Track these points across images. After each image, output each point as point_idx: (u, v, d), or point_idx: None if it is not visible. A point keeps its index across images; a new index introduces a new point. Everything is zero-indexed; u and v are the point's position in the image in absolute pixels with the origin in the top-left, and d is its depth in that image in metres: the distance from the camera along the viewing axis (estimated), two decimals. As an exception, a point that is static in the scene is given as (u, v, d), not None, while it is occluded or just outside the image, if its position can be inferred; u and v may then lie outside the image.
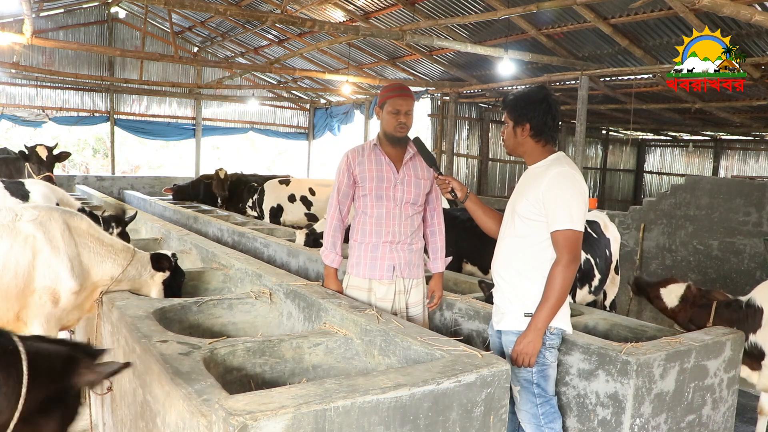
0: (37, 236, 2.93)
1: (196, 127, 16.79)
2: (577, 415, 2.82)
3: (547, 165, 2.63)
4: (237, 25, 13.87)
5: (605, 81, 11.48)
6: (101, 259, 3.16)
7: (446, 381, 2.01)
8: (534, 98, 2.64)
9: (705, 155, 18.59)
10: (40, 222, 2.98)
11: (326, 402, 1.78)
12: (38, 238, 2.93)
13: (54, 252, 2.95)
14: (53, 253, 2.94)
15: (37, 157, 6.60)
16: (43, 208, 3.15)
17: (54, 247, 2.95)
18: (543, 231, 2.59)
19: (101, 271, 3.17)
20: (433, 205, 3.34)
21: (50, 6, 13.94)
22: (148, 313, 2.91)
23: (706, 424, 3.02)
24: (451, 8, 9.70)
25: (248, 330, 3.34)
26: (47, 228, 2.98)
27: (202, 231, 7.12)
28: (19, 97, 14.41)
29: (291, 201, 9.00)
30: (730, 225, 7.51)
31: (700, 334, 3.06)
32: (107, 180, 13.88)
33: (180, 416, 1.96)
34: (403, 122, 3.10)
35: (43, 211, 3.06)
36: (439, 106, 15.24)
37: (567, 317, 2.69)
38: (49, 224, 3.00)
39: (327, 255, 3.25)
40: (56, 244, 2.97)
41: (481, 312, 3.34)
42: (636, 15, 8.21)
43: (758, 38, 8.13)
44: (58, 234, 2.99)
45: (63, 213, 3.14)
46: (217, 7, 8.92)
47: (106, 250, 3.20)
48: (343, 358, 2.71)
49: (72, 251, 3.02)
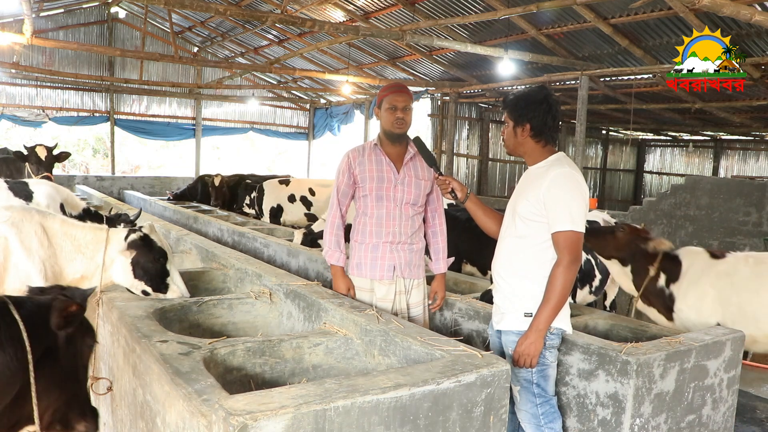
0: (9, 238, 2.91)
1: (196, 127, 16.79)
2: (577, 415, 2.82)
3: (547, 165, 2.63)
4: (237, 25, 13.88)
5: (605, 81, 11.48)
6: (72, 257, 3.10)
7: (446, 381, 2.01)
8: (534, 98, 2.64)
9: (705, 155, 18.60)
10: (13, 223, 2.95)
11: (326, 402, 1.78)
12: (10, 239, 2.91)
13: (26, 254, 2.92)
14: (25, 255, 2.92)
15: (36, 158, 6.60)
16: (18, 209, 3.10)
17: (26, 248, 2.92)
18: (543, 231, 2.58)
19: (73, 270, 3.11)
20: (434, 205, 3.34)
21: (50, 6, 13.95)
22: (148, 313, 2.91)
23: (706, 424, 3.02)
24: (451, 8, 9.70)
25: (248, 330, 3.34)
26: (21, 229, 2.95)
27: (202, 231, 7.12)
28: (19, 97, 14.41)
29: (291, 201, 9.00)
30: (730, 225, 7.52)
31: (700, 334, 3.06)
32: (107, 180, 13.89)
33: (180, 416, 1.96)
34: (400, 117, 3.10)
35: (17, 213, 3.02)
36: (439, 106, 15.25)
37: (567, 317, 2.69)
38: (22, 225, 2.97)
39: (332, 254, 3.21)
40: (28, 245, 2.93)
41: (481, 312, 3.34)
42: (636, 15, 8.21)
43: (758, 38, 8.14)
44: (32, 235, 2.96)
45: (38, 214, 3.11)
46: (217, 7, 8.93)
47: (76, 248, 3.11)
48: (343, 358, 2.71)
49: (44, 253, 2.98)
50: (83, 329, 1.96)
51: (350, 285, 3.22)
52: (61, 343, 1.87)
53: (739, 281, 3.59)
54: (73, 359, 1.91)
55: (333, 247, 3.21)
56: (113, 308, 3.02)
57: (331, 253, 3.21)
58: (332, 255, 3.21)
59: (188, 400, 1.90)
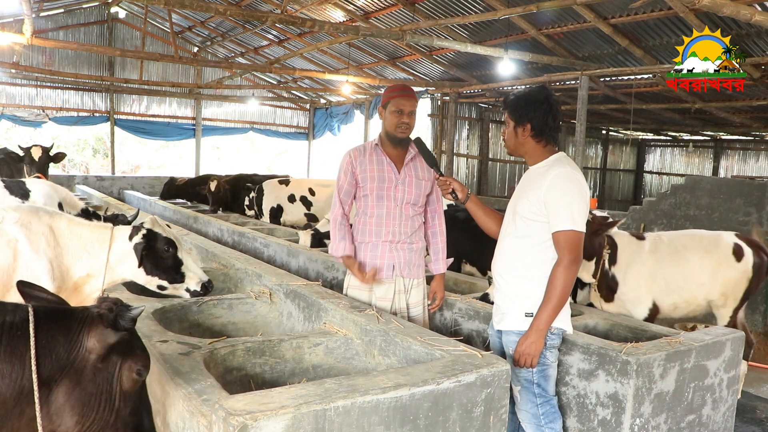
0: (19, 239, 2.93)
1: (196, 127, 16.79)
2: (577, 415, 2.82)
3: (548, 165, 2.63)
4: (237, 25, 13.87)
5: (605, 81, 11.48)
6: (79, 256, 3.09)
7: (446, 381, 2.01)
8: (535, 98, 2.64)
9: (705, 155, 18.59)
10: (22, 224, 2.97)
11: (326, 402, 1.78)
12: (20, 240, 2.93)
13: (34, 254, 2.94)
14: (34, 256, 2.94)
15: (29, 158, 6.61)
16: (27, 209, 3.13)
17: (35, 249, 2.95)
18: (544, 231, 2.58)
19: (79, 268, 3.11)
20: (434, 206, 3.33)
21: (50, 6, 13.95)
22: (148, 313, 2.91)
23: (706, 424, 3.02)
24: (451, 8, 9.70)
25: (248, 330, 3.34)
26: (29, 230, 2.97)
27: (202, 231, 7.12)
28: (19, 97, 14.42)
29: (291, 201, 8.97)
30: (730, 225, 7.50)
31: (700, 334, 3.06)
32: (107, 180, 13.88)
33: (180, 416, 1.96)
34: (405, 122, 3.09)
35: (26, 213, 3.04)
36: (439, 106, 15.25)
37: (568, 317, 2.69)
38: (31, 226, 2.99)
39: (337, 246, 3.15)
40: (36, 246, 2.95)
41: (481, 312, 3.34)
42: (636, 15, 8.21)
43: (758, 38, 8.13)
44: (40, 236, 2.98)
45: (46, 214, 3.12)
46: (217, 7, 8.93)
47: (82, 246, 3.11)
48: (343, 358, 2.71)
49: (52, 253, 3.00)
50: (126, 351, 1.70)
51: (364, 269, 3.14)
52: (89, 364, 1.65)
53: (662, 257, 3.98)
54: (105, 384, 1.67)
55: (338, 239, 3.15)
56: (113, 308, 3.01)
57: (336, 245, 3.16)
58: (338, 247, 3.16)
59: (188, 400, 1.90)
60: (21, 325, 1.61)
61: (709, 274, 4.05)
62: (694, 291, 4.05)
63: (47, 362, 1.61)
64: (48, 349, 1.61)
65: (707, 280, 4.05)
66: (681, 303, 4.04)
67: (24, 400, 1.59)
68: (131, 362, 1.70)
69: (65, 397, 1.63)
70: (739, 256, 4.16)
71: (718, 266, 4.08)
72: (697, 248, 4.11)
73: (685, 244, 4.10)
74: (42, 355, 1.60)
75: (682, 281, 4.00)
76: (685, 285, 4.01)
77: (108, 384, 1.68)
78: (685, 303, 4.06)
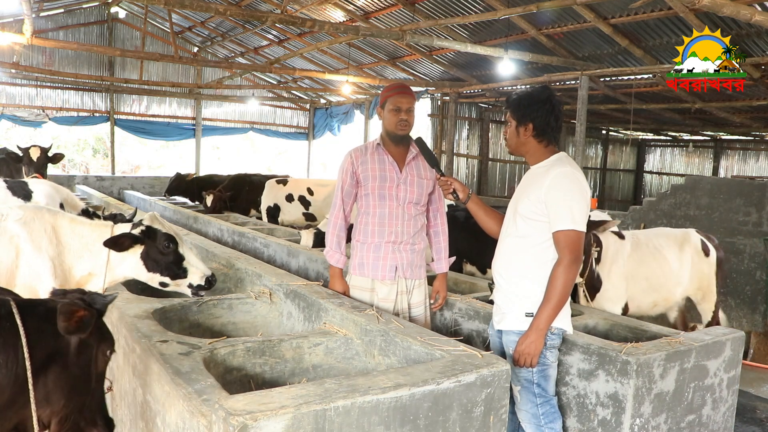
0: (21, 237, 2.94)
1: (196, 127, 16.79)
2: (577, 415, 2.82)
3: (549, 165, 2.63)
4: (237, 25, 13.87)
5: (605, 81, 11.48)
6: (80, 255, 3.09)
7: (446, 381, 2.01)
8: (537, 98, 2.64)
9: (705, 155, 18.59)
10: (24, 222, 2.98)
11: (326, 402, 1.78)
12: (22, 238, 2.93)
13: (36, 252, 2.94)
14: (36, 254, 2.94)
15: (28, 158, 6.61)
16: (31, 208, 3.13)
17: (36, 247, 2.95)
18: (545, 231, 2.58)
19: (81, 267, 3.11)
20: (436, 205, 3.34)
21: (50, 6, 13.95)
22: (148, 313, 2.91)
23: (706, 424, 3.02)
24: (451, 8, 9.70)
25: (248, 330, 3.34)
26: (32, 228, 2.98)
27: (202, 231, 7.12)
28: (19, 97, 14.42)
29: (289, 201, 8.94)
30: (730, 225, 7.51)
31: (700, 334, 3.06)
32: (107, 180, 13.87)
33: (180, 416, 1.96)
34: (404, 119, 3.10)
35: (29, 212, 3.05)
36: (439, 106, 15.25)
37: (568, 317, 2.69)
38: (33, 224, 2.99)
39: (332, 255, 3.24)
40: (38, 244, 2.96)
41: (481, 312, 3.34)
42: (636, 15, 8.21)
43: (758, 38, 8.14)
44: (42, 234, 2.98)
45: (48, 213, 3.13)
46: (217, 7, 8.93)
47: (84, 245, 3.12)
48: (343, 358, 2.71)
49: (54, 252, 3.01)
50: (99, 336, 1.88)
51: (346, 288, 3.25)
52: (72, 349, 1.80)
53: (642, 257, 4.08)
54: (85, 366, 1.83)
55: (334, 248, 3.23)
56: (113, 308, 3.01)
57: (332, 254, 3.24)
58: (332, 256, 3.24)
59: (188, 400, 1.90)
60: (7, 317, 1.72)
61: (686, 270, 4.24)
62: (672, 288, 4.20)
63: (37, 350, 1.72)
64: (36, 337, 1.73)
65: (685, 277, 4.22)
66: (660, 300, 4.17)
67: (18, 388, 1.70)
68: (104, 345, 1.89)
69: (54, 382, 1.76)
70: (706, 251, 4.37)
71: (692, 263, 4.27)
72: (672, 246, 4.26)
73: (661, 243, 4.24)
74: (32, 344, 1.71)
75: (663, 279, 4.13)
76: (666, 282, 4.14)
77: (87, 366, 1.83)
78: (663, 300, 4.19)
